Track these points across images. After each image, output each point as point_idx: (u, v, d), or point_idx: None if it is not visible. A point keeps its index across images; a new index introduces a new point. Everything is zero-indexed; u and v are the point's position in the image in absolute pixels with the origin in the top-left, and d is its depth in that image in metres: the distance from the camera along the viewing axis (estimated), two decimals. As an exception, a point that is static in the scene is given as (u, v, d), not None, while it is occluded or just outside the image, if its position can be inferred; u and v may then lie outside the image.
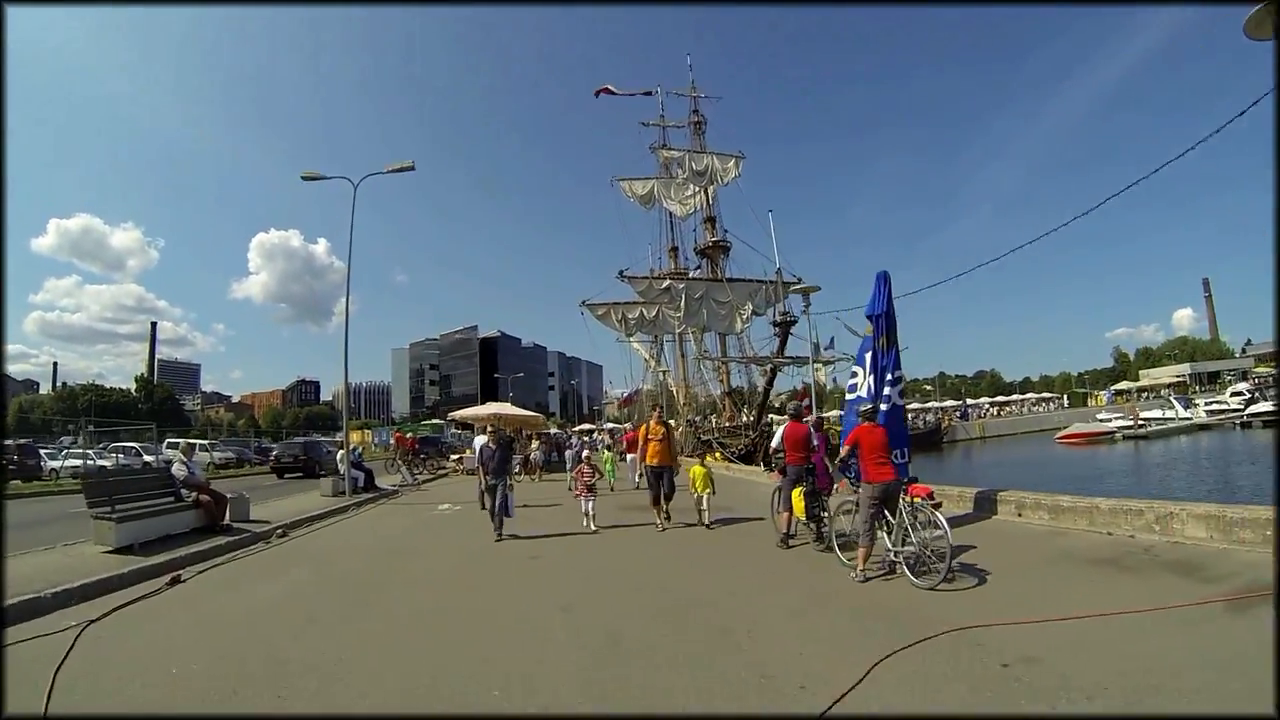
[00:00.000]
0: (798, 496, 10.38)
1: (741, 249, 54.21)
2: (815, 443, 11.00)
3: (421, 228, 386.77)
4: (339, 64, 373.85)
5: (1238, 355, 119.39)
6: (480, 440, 20.20)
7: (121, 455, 35.14)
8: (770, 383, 43.28)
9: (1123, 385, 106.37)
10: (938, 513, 7.64)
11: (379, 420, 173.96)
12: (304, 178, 20.74)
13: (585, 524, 12.42)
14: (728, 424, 48.15)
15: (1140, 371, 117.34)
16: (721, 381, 52.62)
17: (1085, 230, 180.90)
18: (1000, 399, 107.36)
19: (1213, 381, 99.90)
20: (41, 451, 32.80)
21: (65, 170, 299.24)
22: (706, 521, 12.52)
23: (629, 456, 25.61)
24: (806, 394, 42.09)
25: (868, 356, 11.86)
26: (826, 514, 10.06)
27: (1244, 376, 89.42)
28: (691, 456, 27.52)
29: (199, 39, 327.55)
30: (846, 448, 8.89)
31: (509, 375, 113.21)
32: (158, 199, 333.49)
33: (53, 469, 30.76)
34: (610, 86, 62.90)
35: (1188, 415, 62.87)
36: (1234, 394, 70.62)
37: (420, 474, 28.31)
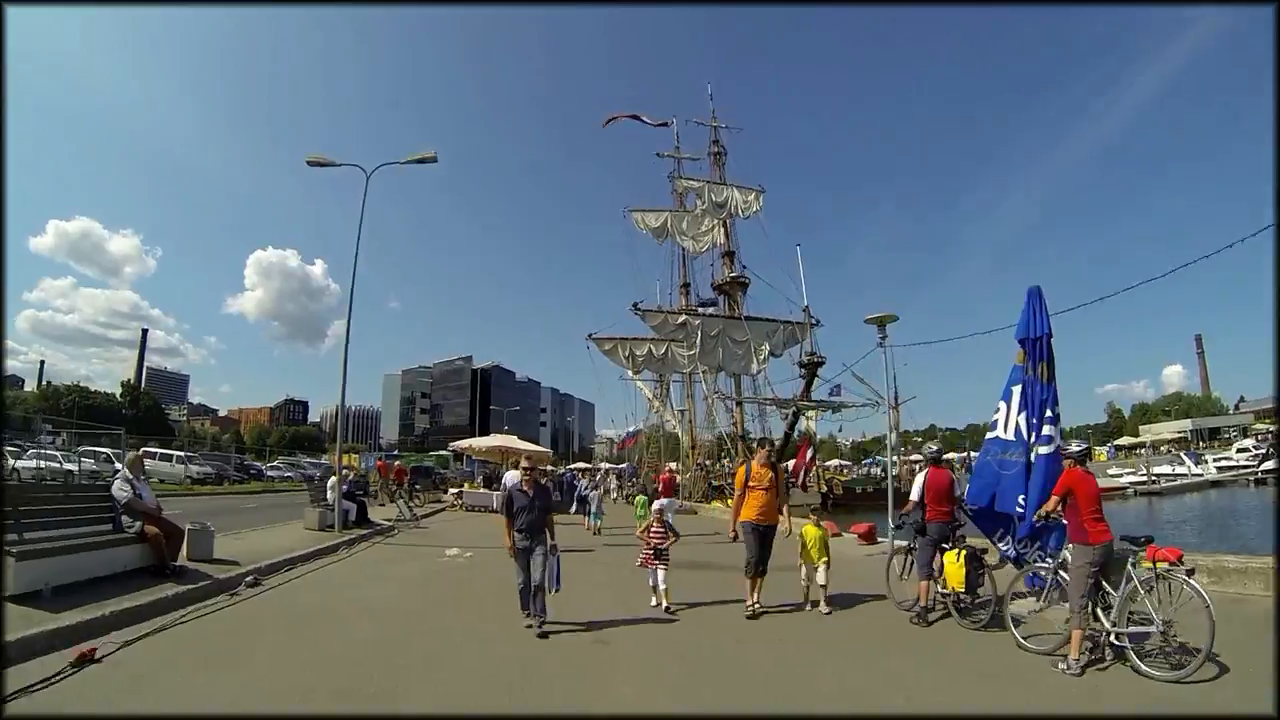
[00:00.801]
0: (954, 562, 8.45)
1: (757, 288, 51.65)
2: (960, 494, 9.58)
3: (416, 255, 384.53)
4: (348, 88, 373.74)
5: (1231, 411, 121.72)
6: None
7: (91, 460, 31.91)
8: (792, 426, 40.32)
9: (1124, 440, 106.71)
10: (1192, 580, 6.20)
11: (366, 445, 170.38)
12: (310, 162, 18.08)
13: (655, 602, 9.20)
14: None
15: (1140, 427, 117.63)
16: (735, 424, 49.44)
17: (1075, 287, 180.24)
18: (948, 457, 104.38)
19: (1213, 438, 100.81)
20: (8, 449, 29.40)
21: (67, 172, 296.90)
22: (822, 605, 9.28)
23: (664, 500, 22.89)
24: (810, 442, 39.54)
25: (1015, 390, 9.51)
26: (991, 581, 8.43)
27: (1244, 433, 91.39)
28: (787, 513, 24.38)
29: (213, 52, 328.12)
30: (1055, 498, 7.09)
31: (504, 408, 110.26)
32: (159, 208, 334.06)
33: (14, 468, 27.52)
34: (619, 115, 60.65)
35: (1199, 472, 60.80)
36: (1240, 450, 69.36)
37: (417, 505, 25.02)
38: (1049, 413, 9.08)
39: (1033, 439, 9.05)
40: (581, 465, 78.08)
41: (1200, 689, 5.66)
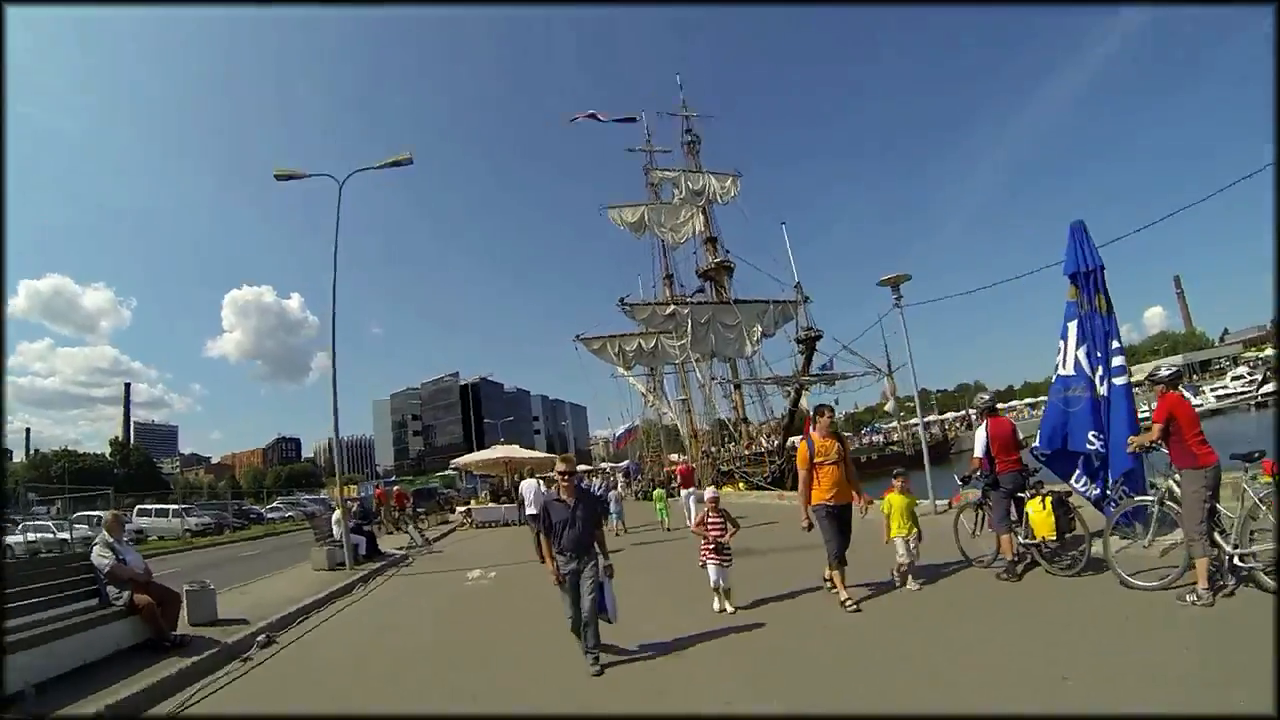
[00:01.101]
0: (1040, 510, 7.88)
1: (742, 271, 50.88)
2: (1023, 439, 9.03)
3: (394, 278, 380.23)
4: (302, 108, 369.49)
5: (1218, 344, 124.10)
6: (529, 487, 16.29)
7: (84, 526, 30.55)
8: (795, 403, 39.43)
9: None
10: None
11: (363, 474, 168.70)
12: (278, 176, 16.87)
13: (718, 605, 8.07)
14: (747, 452, 44.17)
15: (1133, 368, 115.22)
16: (736, 409, 48.56)
17: (1052, 236, 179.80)
18: (1002, 405, 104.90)
19: (1204, 370, 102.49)
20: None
21: (30, 230, 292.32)
22: (910, 581, 8.28)
23: (684, 492, 22.03)
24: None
25: (1071, 326, 9.00)
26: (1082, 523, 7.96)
27: (1235, 362, 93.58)
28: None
29: (162, 92, 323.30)
30: (1159, 425, 6.62)
31: (496, 420, 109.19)
32: (126, 257, 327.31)
33: (9, 545, 26.11)
34: (593, 113, 59.47)
35: (1199, 403, 59.58)
36: (1235, 378, 70.31)
37: (424, 528, 23.88)
38: (1115, 344, 8.63)
39: (1098, 372, 8.58)
40: (582, 467, 76.86)
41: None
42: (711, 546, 8.07)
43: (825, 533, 7.89)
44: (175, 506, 41.05)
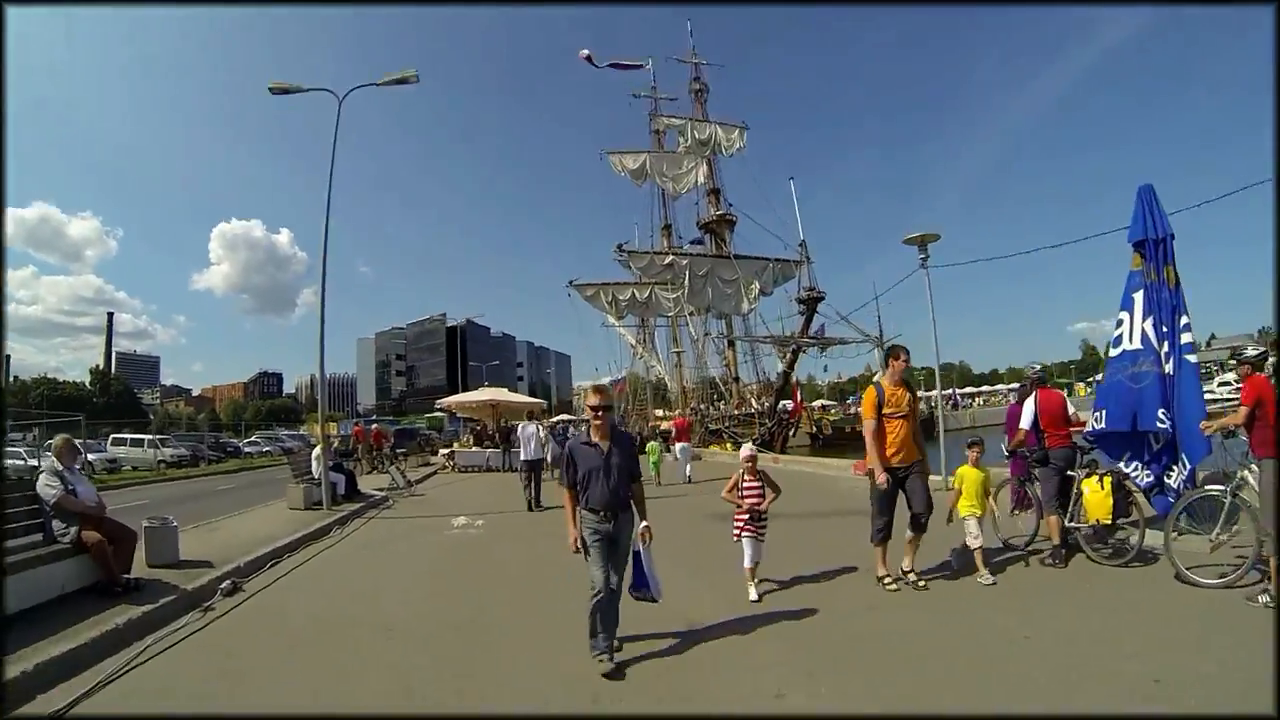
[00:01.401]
0: (1098, 490, 7.35)
1: (744, 227, 49.79)
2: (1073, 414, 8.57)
3: (386, 216, 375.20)
4: (294, 42, 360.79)
5: (1204, 348, 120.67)
6: (529, 431, 15.63)
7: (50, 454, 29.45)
8: (791, 366, 38.74)
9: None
10: None
11: (344, 412, 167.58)
12: (273, 90, 15.71)
13: (753, 594, 6.76)
14: (737, 411, 43.49)
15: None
16: (728, 366, 47.75)
17: (1043, 224, 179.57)
18: (985, 389, 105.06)
19: None
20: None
21: (19, 157, 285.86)
22: (983, 568, 7.10)
23: (677, 446, 21.32)
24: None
25: (1137, 297, 8.18)
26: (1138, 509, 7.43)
27: (1223, 367, 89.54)
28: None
29: (150, 28, 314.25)
30: (1246, 408, 6.14)
31: (481, 364, 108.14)
32: (115, 186, 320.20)
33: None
34: (593, 57, 57.76)
35: None
36: (1221, 384, 68.00)
37: (404, 469, 22.93)
38: (1184, 319, 7.75)
39: (1164, 347, 7.76)
40: (566, 417, 75.62)
41: None
42: (746, 515, 6.91)
43: (877, 502, 6.86)
44: (150, 436, 40.00)
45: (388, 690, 4.86)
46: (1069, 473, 7.76)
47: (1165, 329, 7.82)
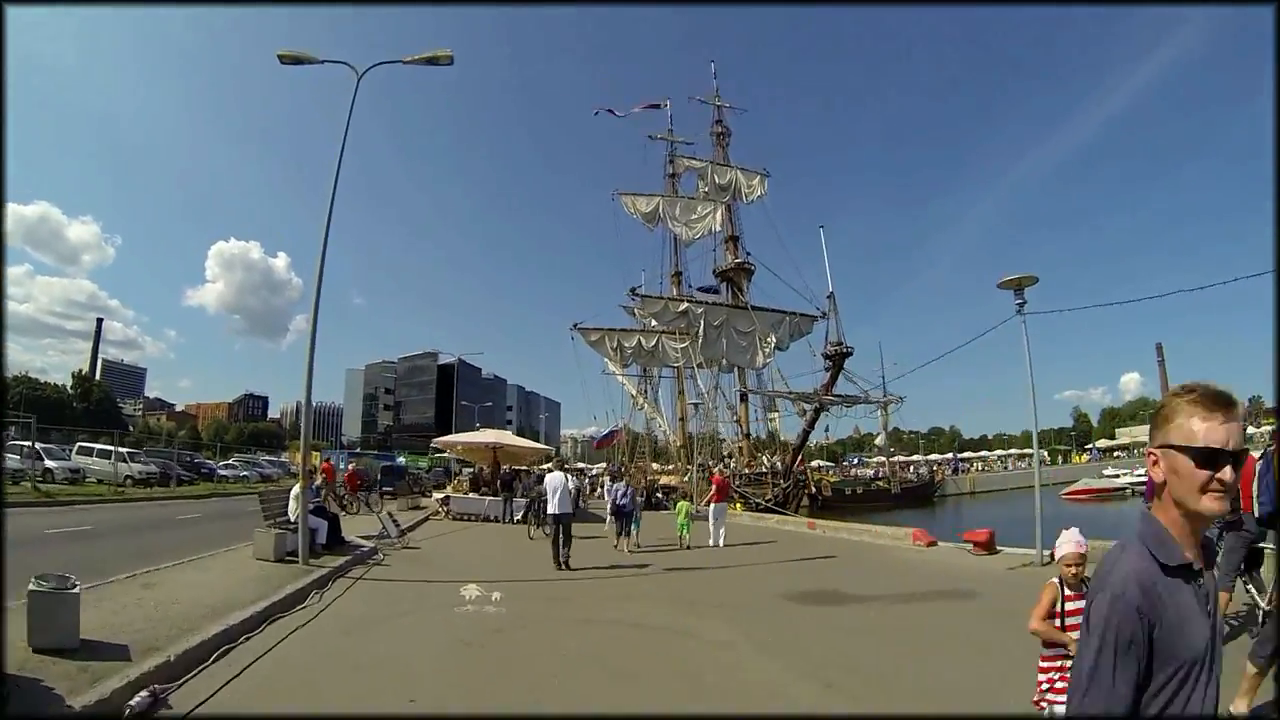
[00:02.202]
0: None
1: (761, 277, 47.36)
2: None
3: (383, 248, 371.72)
4: (310, 72, 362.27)
5: None
6: (556, 480, 12.93)
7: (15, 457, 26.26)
8: (812, 424, 36.06)
9: (1103, 443, 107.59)
10: None
11: (328, 442, 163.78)
12: (283, 59, 13.23)
13: None
14: (747, 470, 40.52)
15: (1118, 430, 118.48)
16: (739, 423, 44.84)
17: (1032, 295, 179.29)
18: (984, 454, 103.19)
19: None
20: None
21: (24, 155, 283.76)
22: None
23: (713, 507, 18.52)
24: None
25: None
26: None
27: None
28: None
29: (171, 37, 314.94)
30: None
31: (473, 404, 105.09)
32: (119, 194, 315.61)
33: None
34: (612, 109, 55.99)
35: None
36: None
37: (394, 514, 19.87)
38: None
39: None
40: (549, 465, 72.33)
41: None
42: (1062, 659, 3.98)
43: None
44: (118, 449, 36.43)
45: None
46: (1260, 545, 6.69)
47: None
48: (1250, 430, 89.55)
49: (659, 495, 34.05)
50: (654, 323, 51.95)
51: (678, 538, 17.50)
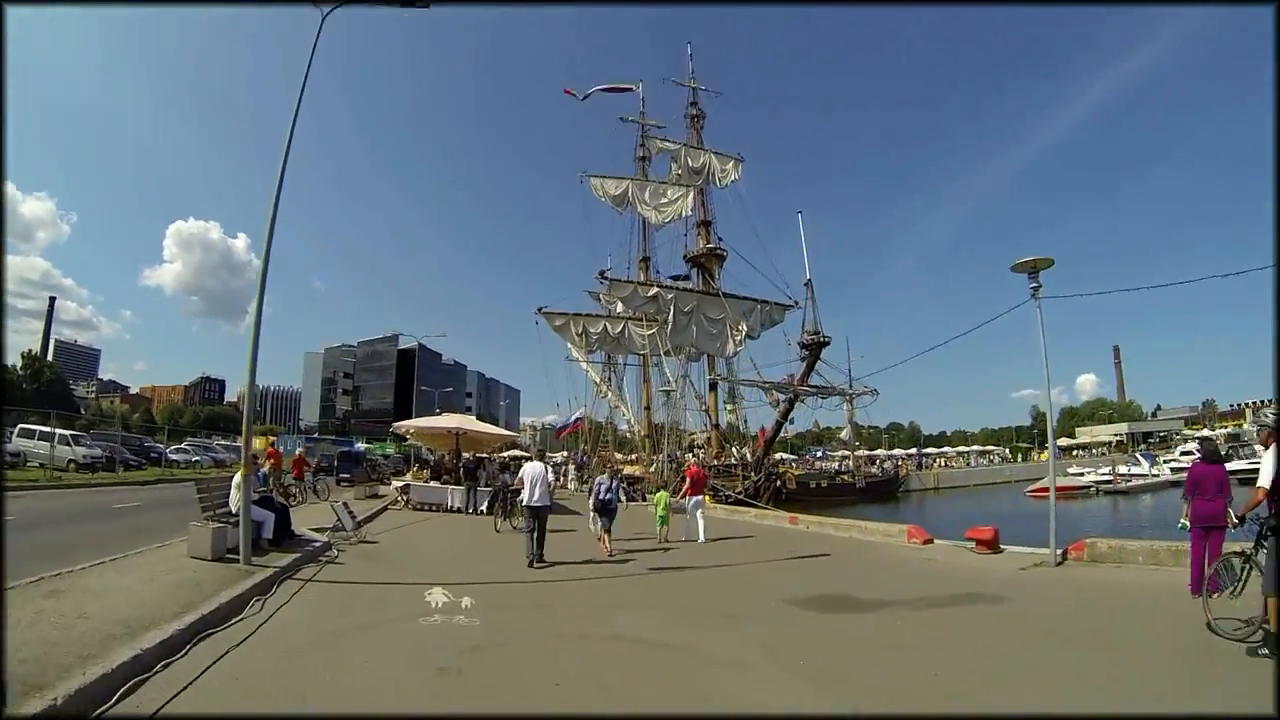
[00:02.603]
0: None
1: (734, 264, 46.24)
2: None
3: (344, 232, 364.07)
4: (268, 49, 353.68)
5: (1149, 418, 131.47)
6: (535, 471, 11.97)
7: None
8: (786, 415, 34.99)
9: (1063, 442, 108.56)
10: None
11: (285, 427, 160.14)
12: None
13: None
14: (716, 462, 39.38)
15: (1077, 429, 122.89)
16: (708, 413, 43.63)
17: (991, 297, 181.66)
18: (948, 450, 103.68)
19: (1144, 441, 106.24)
20: None
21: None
22: None
23: (691, 500, 17.36)
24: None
25: None
26: None
27: (1184, 438, 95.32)
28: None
29: (130, 17, 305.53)
30: None
31: (434, 390, 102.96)
32: (75, 170, 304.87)
33: None
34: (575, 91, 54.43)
35: (1155, 472, 61.25)
36: (1184, 453, 69.31)
37: (349, 505, 18.31)
38: None
39: None
40: (518, 453, 69.56)
41: None
42: None
43: None
44: (61, 431, 34.19)
45: None
46: None
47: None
48: (1206, 432, 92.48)
49: (626, 486, 32.92)
50: (620, 308, 50.53)
51: (655, 531, 16.37)
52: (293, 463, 24.41)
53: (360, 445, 75.61)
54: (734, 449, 40.39)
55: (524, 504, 12.50)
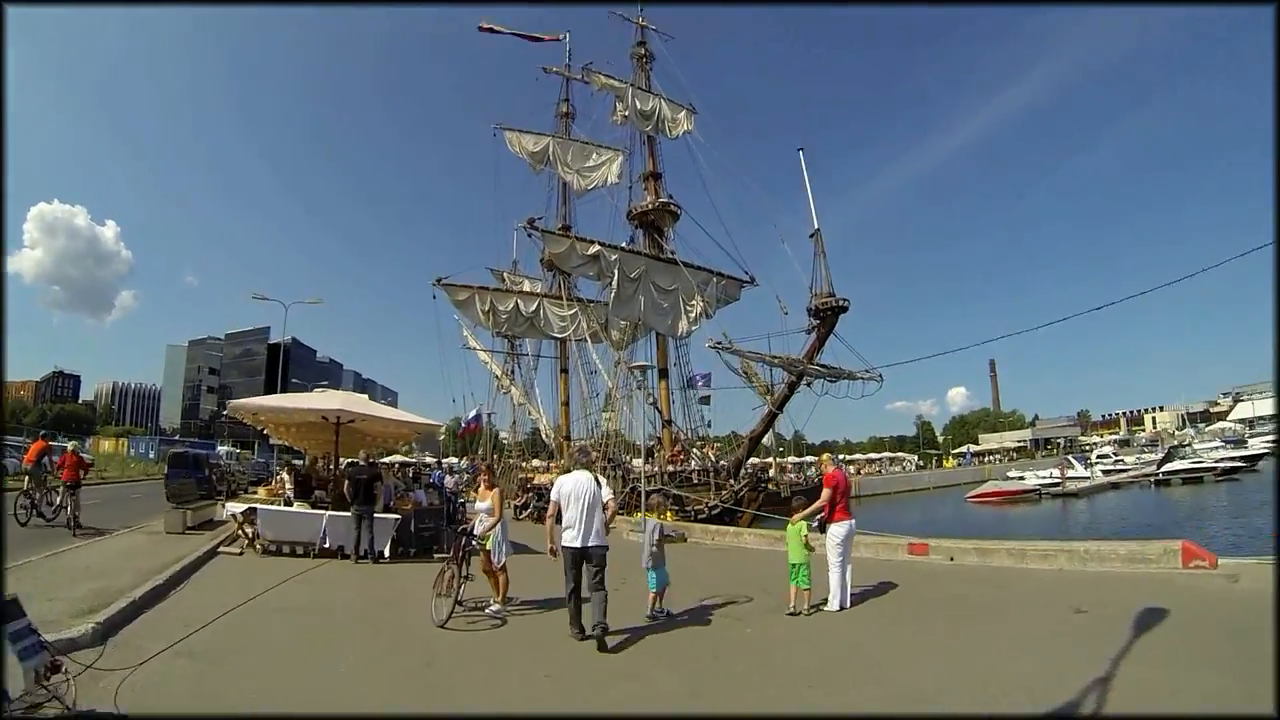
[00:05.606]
0: None
1: (684, 227, 37.13)
2: None
3: (220, 224, 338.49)
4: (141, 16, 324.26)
5: (1033, 426, 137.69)
6: (580, 484, 4.90)
7: None
8: (782, 404, 26.19)
9: (974, 447, 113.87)
10: None
11: (143, 429, 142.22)
12: None
13: None
14: (671, 468, 29.99)
15: (981, 436, 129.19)
16: (657, 406, 33.86)
17: (860, 313, 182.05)
18: (858, 457, 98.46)
19: (1045, 446, 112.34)
20: None
21: None
22: None
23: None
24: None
25: None
26: None
27: (1072, 444, 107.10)
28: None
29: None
30: None
31: (307, 384, 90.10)
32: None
33: None
34: (494, 25, 45.02)
35: (1087, 475, 58.17)
36: (1101, 456, 71.77)
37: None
38: None
39: None
40: (400, 459, 57.10)
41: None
42: None
43: None
44: None
45: None
46: None
47: None
48: (1096, 439, 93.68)
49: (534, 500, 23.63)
50: (528, 285, 43.33)
51: (792, 591, 7.66)
52: (62, 462, 15.02)
53: (222, 449, 63.38)
54: (697, 451, 31.18)
55: (564, 545, 7.21)
